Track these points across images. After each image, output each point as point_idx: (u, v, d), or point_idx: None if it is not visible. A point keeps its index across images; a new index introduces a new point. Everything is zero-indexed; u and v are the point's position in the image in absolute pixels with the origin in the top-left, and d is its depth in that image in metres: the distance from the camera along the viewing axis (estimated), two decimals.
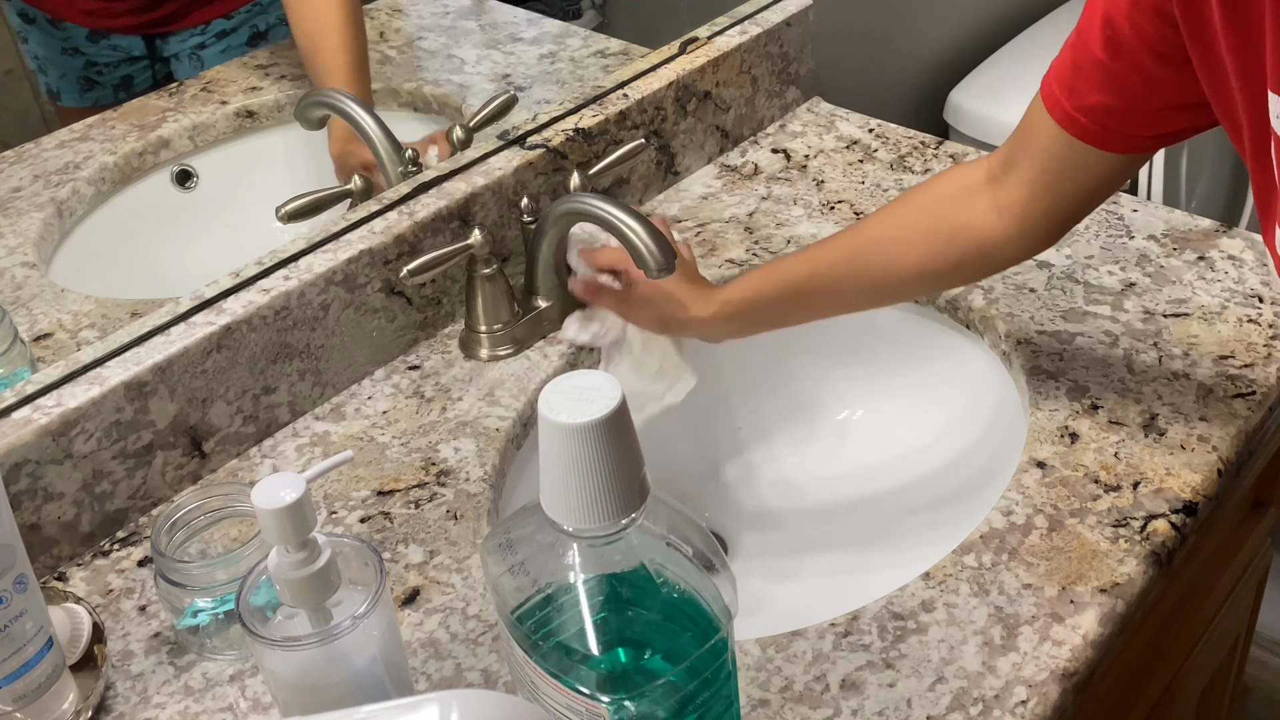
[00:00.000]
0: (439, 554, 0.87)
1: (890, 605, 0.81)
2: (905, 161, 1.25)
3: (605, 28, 1.32)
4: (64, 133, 1.02)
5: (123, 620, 0.84)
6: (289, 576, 0.65)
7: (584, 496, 0.57)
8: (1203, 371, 0.96)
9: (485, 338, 1.04)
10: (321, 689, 0.67)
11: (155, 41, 1.06)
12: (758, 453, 1.13)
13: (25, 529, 0.84)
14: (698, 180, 1.24)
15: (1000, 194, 0.86)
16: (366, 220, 1.02)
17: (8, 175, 1.00)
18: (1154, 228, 1.12)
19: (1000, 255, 0.89)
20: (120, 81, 1.06)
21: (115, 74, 1.05)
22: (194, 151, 1.07)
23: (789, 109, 1.33)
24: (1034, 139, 0.83)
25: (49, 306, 0.96)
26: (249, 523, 0.84)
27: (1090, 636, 0.78)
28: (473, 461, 0.94)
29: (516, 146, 1.10)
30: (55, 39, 1.01)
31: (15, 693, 0.73)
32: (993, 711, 0.74)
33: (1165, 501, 0.86)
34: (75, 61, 1.00)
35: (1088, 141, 0.80)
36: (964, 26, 1.72)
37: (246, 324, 0.93)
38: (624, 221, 0.93)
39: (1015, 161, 0.85)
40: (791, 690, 0.76)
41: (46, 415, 0.85)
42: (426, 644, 0.80)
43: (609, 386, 0.57)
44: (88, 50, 1.03)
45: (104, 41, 1.04)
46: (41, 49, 1.02)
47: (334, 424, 0.98)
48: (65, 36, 1.02)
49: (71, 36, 1.03)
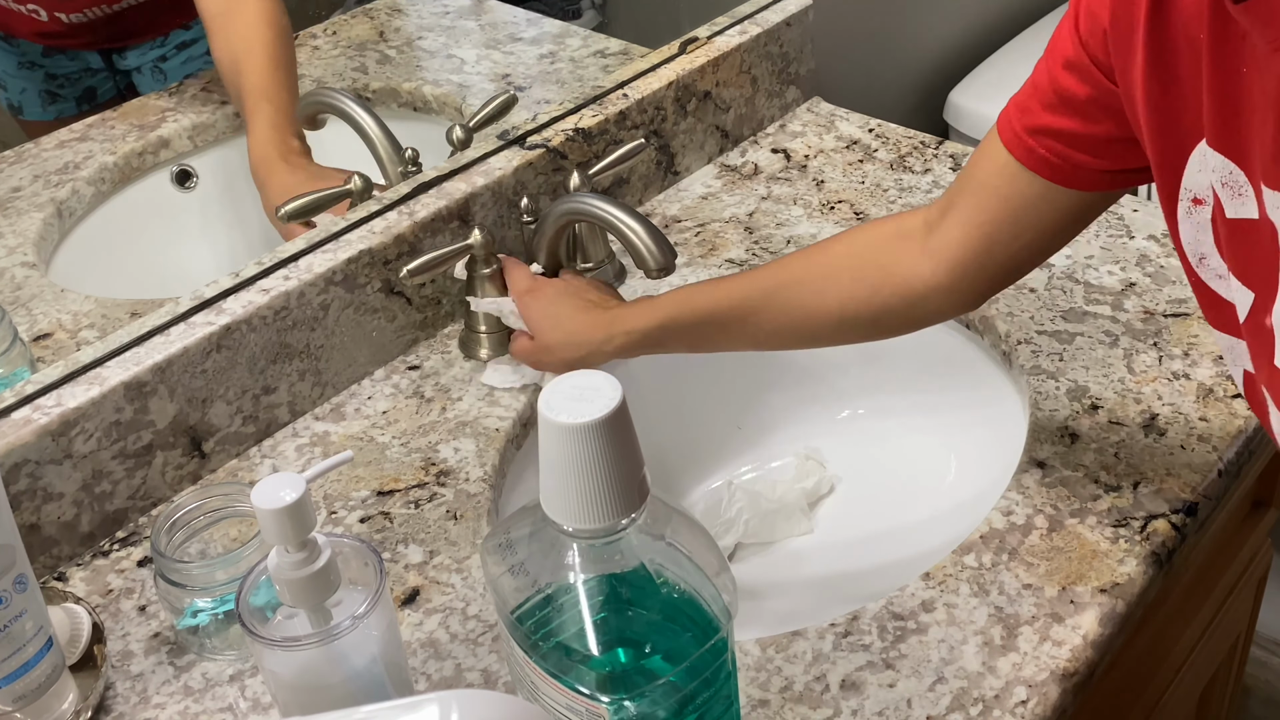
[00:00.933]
0: (439, 554, 0.87)
1: (890, 605, 0.81)
2: (905, 161, 1.25)
3: (605, 28, 1.32)
4: (64, 133, 1.02)
5: (123, 620, 0.84)
6: (289, 576, 0.65)
7: (584, 496, 0.57)
8: (1203, 371, 0.96)
9: (485, 338, 1.04)
10: (321, 689, 0.67)
11: (112, 56, 1.05)
12: (758, 452, 1.12)
13: (25, 529, 0.84)
14: (698, 180, 1.24)
15: (933, 239, 0.81)
16: (366, 220, 1.02)
17: (8, 175, 1.00)
18: (1154, 228, 1.12)
19: (925, 306, 0.83)
20: (83, 94, 1.04)
21: (77, 87, 1.04)
22: (194, 151, 1.07)
23: (789, 109, 1.33)
24: (978, 173, 0.78)
25: (49, 306, 0.96)
26: (249, 523, 0.84)
27: (1090, 636, 0.78)
28: (472, 461, 0.94)
29: (516, 146, 1.10)
30: (12, 54, 1.00)
31: (15, 693, 0.73)
32: (993, 711, 0.74)
33: (1165, 501, 0.86)
34: (35, 75, 0.99)
35: (1035, 170, 0.74)
36: (964, 26, 1.72)
37: (246, 324, 0.93)
38: (624, 221, 0.93)
39: (954, 202, 0.80)
40: (791, 690, 0.76)
41: (46, 415, 0.85)
42: (426, 644, 0.80)
43: (609, 387, 0.57)
44: (45, 64, 1.02)
45: (60, 55, 1.02)
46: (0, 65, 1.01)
47: (334, 424, 0.98)
48: (21, 52, 1.01)
49: (27, 52, 1.01)
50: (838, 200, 1.20)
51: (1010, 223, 0.77)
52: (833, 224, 1.16)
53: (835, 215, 1.18)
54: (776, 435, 1.13)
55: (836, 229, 1.15)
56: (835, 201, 1.20)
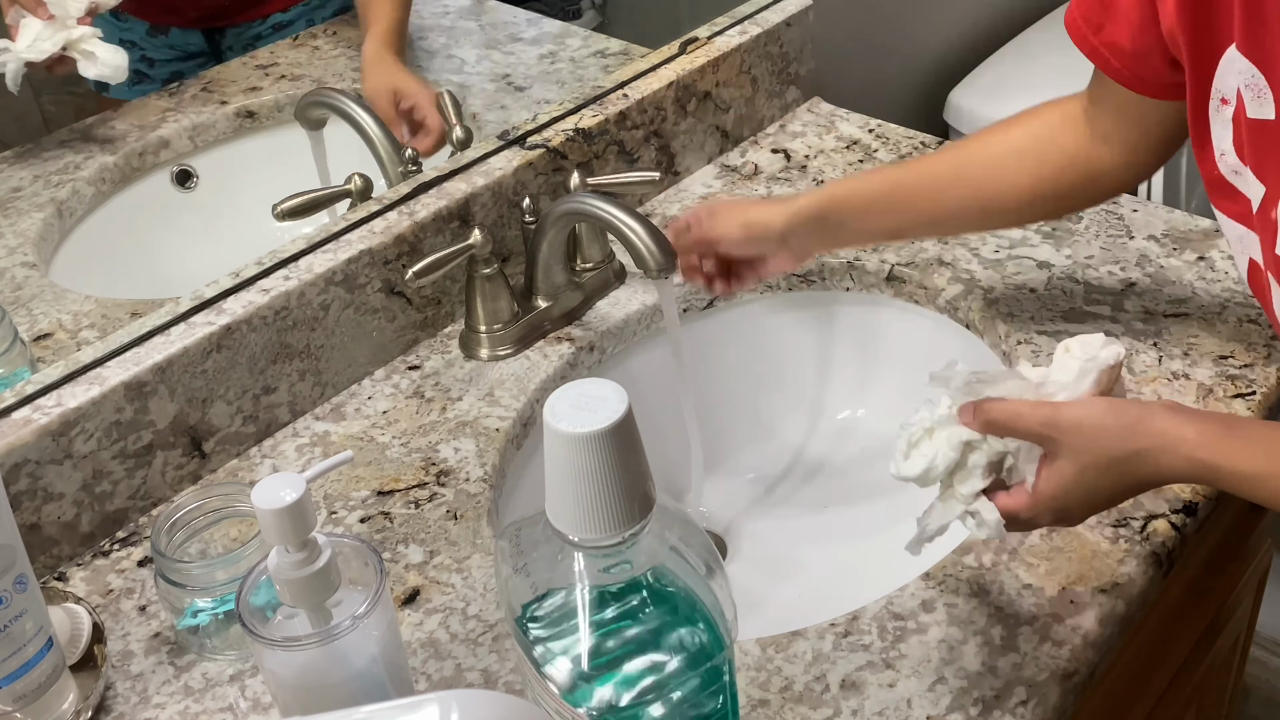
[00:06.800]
0: (439, 554, 0.87)
1: (890, 605, 0.81)
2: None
3: (605, 28, 1.32)
4: (64, 133, 1.02)
5: (123, 620, 0.84)
6: (289, 576, 0.65)
7: (588, 507, 0.56)
8: (1203, 371, 0.96)
9: (485, 338, 1.04)
10: (321, 689, 0.67)
11: (215, 35, 1.08)
12: (758, 452, 1.13)
13: (25, 529, 0.84)
14: (698, 180, 1.24)
15: (1097, 124, 0.88)
16: (366, 220, 1.02)
17: (8, 175, 1.00)
18: (1154, 228, 1.12)
19: (1104, 182, 0.90)
20: (169, 77, 1.07)
21: (165, 69, 1.06)
22: (194, 151, 1.07)
23: (789, 109, 1.33)
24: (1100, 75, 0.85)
25: (49, 306, 0.96)
26: (249, 523, 0.84)
27: (1090, 636, 0.78)
28: (473, 461, 0.94)
29: (516, 146, 1.10)
30: (114, 30, 1.01)
31: (15, 693, 0.73)
32: (993, 711, 0.74)
33: (1165, 501, 0.86)
34: (131, 54, 1.00)
35: (1119, 82, 0.83)
36: (964, 26, 1.72)
37: (246, 324, 0.93)
38: (624, 221, 0.93)
39: (1098, 95, 0.87)
40: (791, 690, 0.76)
41: (46, 415, 0.85)
42: (426, 644, 0.80)
43: (615, 396, 0.56)
44: (144, 45, 1.05)
45: (161, 38, 1.05)
46: None
47: (334, 424, 0.98)
48: (125, 29, 1.03)
49: (132, 29, 1.04)
50: None
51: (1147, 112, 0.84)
52: None
53: None
54: (775, 437, 1.13)
55: None
56: None
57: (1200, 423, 0.69)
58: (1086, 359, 0.71)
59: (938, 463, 0.72)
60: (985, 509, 0.72)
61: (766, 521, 1.08)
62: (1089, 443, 0.69)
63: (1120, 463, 0.69)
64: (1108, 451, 0.69)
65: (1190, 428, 0.69)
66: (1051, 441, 0.70)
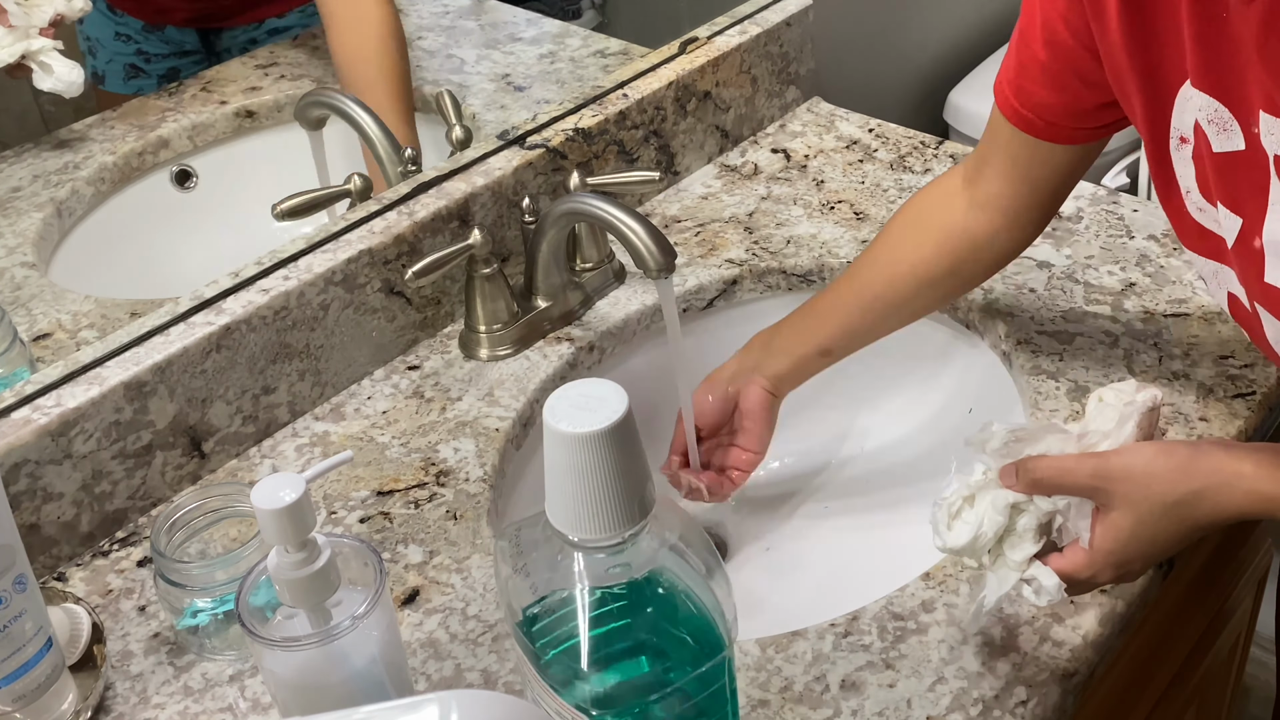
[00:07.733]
0: (439, 554, 0.87)
1: (890, 605, 0.81)
2: (905, 161, 1.25)
3: (605, 28, 1.32)
4: (63, 133, 1.02)
5: (122, 620, 0.84)
6: (289, 576, 0.65)
7: (588, 507, 0.56)
8: (1203, 371, 0.96)
9: (485, 338, 1.04)
10: (321, 689, 0.67)
11: (209, 36, 1.08)
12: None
13: (25, 529, 0.84)
14: (697, 180, 1.24)
15: (978, 192, 0.89)
16: (366, 220, 1.02)
17: (8, 175, 1.00)
18: (1154, 228, 1.12)
19: (992, 249, 0.90)
20: (166, 73, 1.07)
21: (162, 65, 1.07)
22: (193, 151, 1.07)
23: (789, 109, 1.33)
24: (997, 136, 0.86)
25: (48, 306, 0.96)
26: (248, 523, 0.84)
27: (1090, 636, 0.78)
28: (472, 461, 0.94)
29: (516, 146, 1.10)
30: (110, 24, 1.02)
31: (15, 693, 0.73)
32: (993, 711, 0.74)
33: None
34: (126, 48, 1.01)
35: (1040, 138, 0.83)
36: (964, 26, 1.72)
37: (246, 324, 0.93)
38: (624, 221, 0.93)
39: (986, 159, 0.88)
40: (791, 690, 0.76)
41: (46, 415, 0.85)
42: (426, 644, 0.80)
43: (615, 396, 0.56)
44: (140, 40, 1.05)
45: (157, 34, 1.05)
46: (95, 31, 1.03)
47: (333, 424, 0.98)
48: (121, 23, 1.04)
49: (128, 25, 1.04)
50: (838, 200, 1.20)
51: (1039, 169, 0.85)
52: (832, 224, 1.16)
53: (835, 215, 1.18)
54: (777, 436, 1.13)
55: (836, 229, 1.15)
56: (835, 202, 1.20)
57: (1255, 455, 0.67)
58: (1125, 404, 0.70)
59: (985, 529, 0.69)
60: (1043, 574, 0.69)
61: (766, 521, 1.08)
62: (1142, 489, 0.67)
63: (1178, 506, 0.67)
64: (1163, 496, 0.67)
65: (1246, 462, 0.67)
66: (1103, 493, 0.68)
